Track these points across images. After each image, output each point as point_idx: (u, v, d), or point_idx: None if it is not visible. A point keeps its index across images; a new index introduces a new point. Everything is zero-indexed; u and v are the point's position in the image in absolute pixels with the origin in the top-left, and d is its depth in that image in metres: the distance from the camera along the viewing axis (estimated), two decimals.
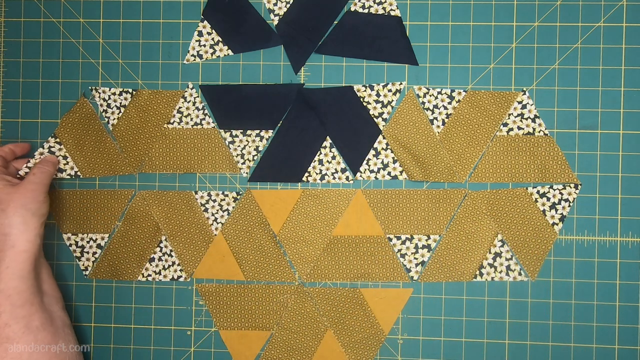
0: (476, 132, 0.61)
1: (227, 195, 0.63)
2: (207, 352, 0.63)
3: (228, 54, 0.64)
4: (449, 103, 0.62)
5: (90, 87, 0.64)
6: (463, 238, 0.61)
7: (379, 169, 0.62)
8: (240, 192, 0.63)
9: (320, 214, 0.62)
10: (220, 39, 0.64)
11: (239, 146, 0.63)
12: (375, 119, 0.62)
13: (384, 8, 0.62)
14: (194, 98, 0.64)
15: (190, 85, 0.64)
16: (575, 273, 0.61)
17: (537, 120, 0.61)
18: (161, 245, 0.63)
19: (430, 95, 0.62)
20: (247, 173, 0.63)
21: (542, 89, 0.61)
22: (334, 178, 0.62)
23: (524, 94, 0.61)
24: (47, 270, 0.59)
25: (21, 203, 0.54)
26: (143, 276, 0.63)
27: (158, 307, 0.63)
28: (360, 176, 0.62)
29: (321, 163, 0.63)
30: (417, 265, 0.62)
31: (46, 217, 0.57)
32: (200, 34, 0.64)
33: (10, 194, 0.54)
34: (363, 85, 0.62)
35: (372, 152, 0.62)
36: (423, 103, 0.62)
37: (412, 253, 0.62)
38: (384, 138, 0.62)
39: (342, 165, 0.62)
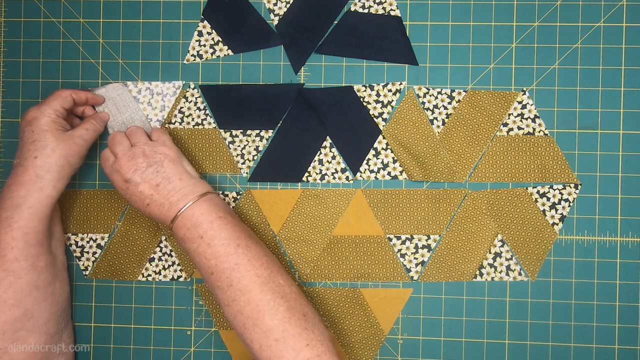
0: (476, 132, 0.61)
1: (227, 195, 0.63)
2: (207, 352, 0.63)
3: (228, 54, 0.64)
4: (449, 103, 0.62)
5: (89, 88, 0.64)
6: (463, 238, 0.61)
7: (379, 169, 0.62)
8: (240, 192, 0.63)
9: (320, 214, 0.62)
10: (220, 39, 0.64)
11: (239, 146, 0.63)
12: (375, 119, 0.62)
13: (384, 8, 0.62)
14: (195, 98, 0.64)
15: (192, 85, 0.64)
16: (575, 273, 0.61)
17: (537, 120, 0.61)
18: (161, 245, 0.63)
19: (430, 95, 0.62)
20: (247, 173, 0.63)
21: (542, 89, 0.61)
22: (334, 178, 0.62)
23: (524, 94, 0.61)
24: (58, 214, 0.62)
25: (65, 154, 0.56)
26: (143, 276, 0.63)
27: (158, 307, 0.63)
28: (360, 176, 0.62)
29: (321, 163, 0.63)
30: (417, 265, 0.62)
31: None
32: (200, 34, 0.64)
33: (59, 141, 0.56)
34: (363, 85, 0.62)
35: (372, 152, 0.62)
36: (423, 103, 0.62)
37: (412, 253, 0.62)
38: (384, 138, 0.62)
39: (342, 165, 0.62)
